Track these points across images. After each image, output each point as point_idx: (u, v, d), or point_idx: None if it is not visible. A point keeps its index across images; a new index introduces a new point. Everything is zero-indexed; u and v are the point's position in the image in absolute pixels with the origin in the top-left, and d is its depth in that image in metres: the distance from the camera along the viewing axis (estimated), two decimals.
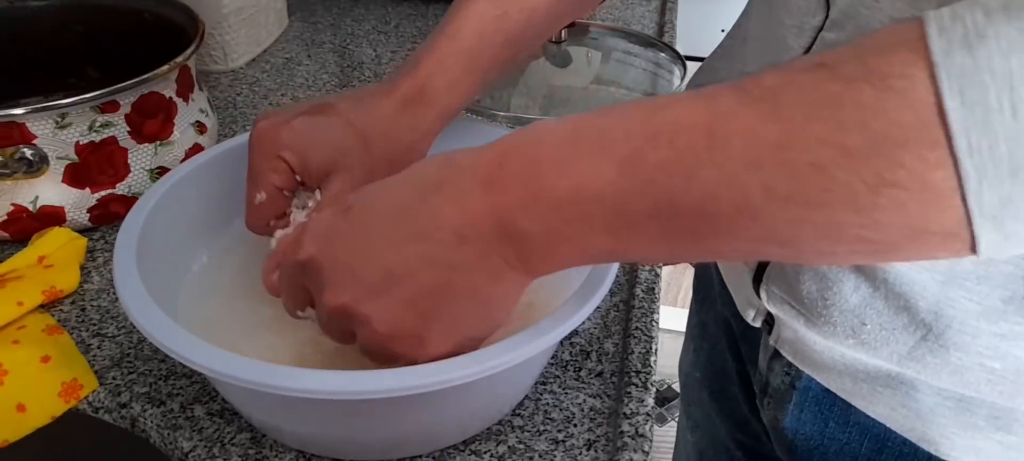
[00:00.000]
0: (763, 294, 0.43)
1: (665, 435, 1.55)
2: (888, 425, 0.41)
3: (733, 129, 0.26)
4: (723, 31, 1.40)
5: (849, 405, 0.42)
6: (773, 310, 0.43)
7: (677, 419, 0.78)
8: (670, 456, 0.80)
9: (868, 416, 0.42)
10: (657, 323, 0.49)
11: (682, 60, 0.80)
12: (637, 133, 0.28)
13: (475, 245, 0.31)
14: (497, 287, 0.33)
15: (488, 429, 0.42)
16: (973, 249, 0.25)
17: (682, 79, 0.78)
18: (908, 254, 0.26)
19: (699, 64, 0.57)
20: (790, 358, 0.45)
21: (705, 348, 0.62)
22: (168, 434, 0.42)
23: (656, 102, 0.29)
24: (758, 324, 0.47)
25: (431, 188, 0.32)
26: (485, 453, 0.41)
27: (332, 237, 0.33)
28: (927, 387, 0.39)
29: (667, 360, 1.00)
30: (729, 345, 0.57)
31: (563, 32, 0.77)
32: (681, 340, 0.69)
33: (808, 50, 0.38)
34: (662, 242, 0.29)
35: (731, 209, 0.27)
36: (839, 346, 0.40)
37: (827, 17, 0.37)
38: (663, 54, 0.82)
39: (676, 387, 1.61)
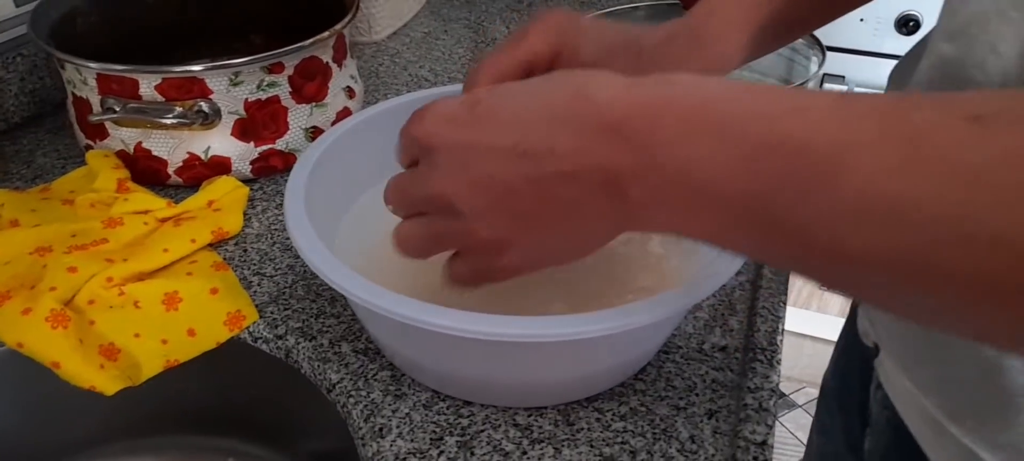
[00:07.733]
0: (860, 310, 0.42)
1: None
2: None
3: (855, 165, 0.24)
4: (862, 20, 1.35)
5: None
6: (867, 327, 0.42)
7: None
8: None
9: None
10: (784, 304, 0.49)
11: (821, 46, 0.78)
12: (763, 133, 0.26)
13: (581, 186, 0.31)
14: (590, 226, 0.33)
15: (611, 390, 0.44)
16: None
17: (820, 65, 0.76)
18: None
19: (834, 54, 0.54)
20: (883, 384, 0.43)
21: (842, 362, 0.61)
22: (318, 366, 0.46)
23: (791, 100, 0.27)
24: (870, 344, 0.45)
25: (557, 116, 0.31)
26: (608, 412, 0.43)
27: (452, 124, 0.33)
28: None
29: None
30: (860, 366, 0.56)
31: None
32: (801, 342, 0.68)
33: None
34: (757, 248, 0.29)
35: (827, 242, 0.25)
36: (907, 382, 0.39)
37: None
38: (801, 39, 0.80)
39: (783, 388, 1.57)
